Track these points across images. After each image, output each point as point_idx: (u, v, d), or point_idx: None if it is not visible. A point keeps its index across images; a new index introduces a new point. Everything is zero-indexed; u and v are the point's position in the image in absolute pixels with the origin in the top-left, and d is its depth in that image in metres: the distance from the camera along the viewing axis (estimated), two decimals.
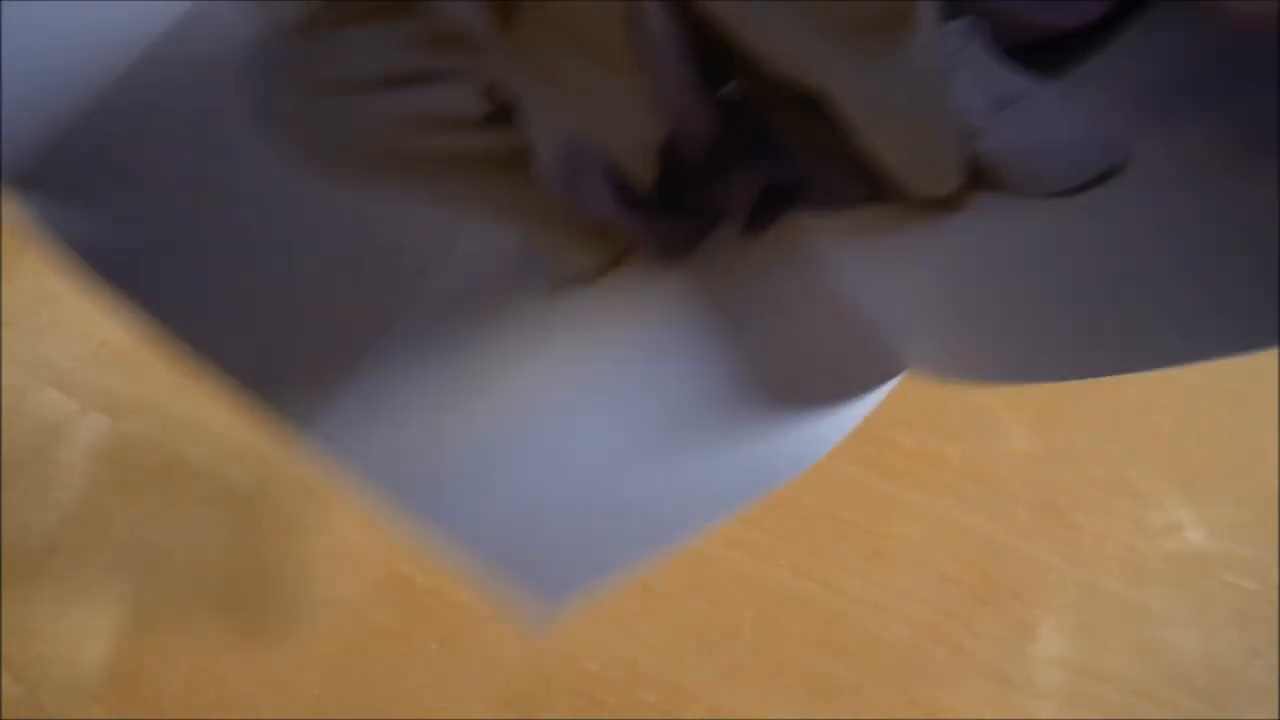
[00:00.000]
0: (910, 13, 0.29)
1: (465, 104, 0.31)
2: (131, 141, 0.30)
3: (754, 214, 0.33)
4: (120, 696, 0.51)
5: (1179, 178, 0.27)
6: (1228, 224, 0.26)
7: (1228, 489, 0.57)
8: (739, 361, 0.31)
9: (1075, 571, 0.55)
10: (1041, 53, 0.31)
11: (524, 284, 0.34)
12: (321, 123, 0.30)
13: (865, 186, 0.32)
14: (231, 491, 0.56)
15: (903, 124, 0.31)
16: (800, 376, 0.31)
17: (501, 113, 0.31)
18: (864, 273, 0.30)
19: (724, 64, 0.32)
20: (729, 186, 0.33)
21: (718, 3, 0.29)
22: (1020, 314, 0.28)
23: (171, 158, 0.31)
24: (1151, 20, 0.30)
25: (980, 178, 0.31)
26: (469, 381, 0.33)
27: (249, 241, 0.32)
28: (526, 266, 0.35)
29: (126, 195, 0.30)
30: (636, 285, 0.34)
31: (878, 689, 0.51)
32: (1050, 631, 0.54)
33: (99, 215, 0.29)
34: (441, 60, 0.30)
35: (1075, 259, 0.28)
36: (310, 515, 0.58)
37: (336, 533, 0.57)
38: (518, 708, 0.51)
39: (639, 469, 0.31)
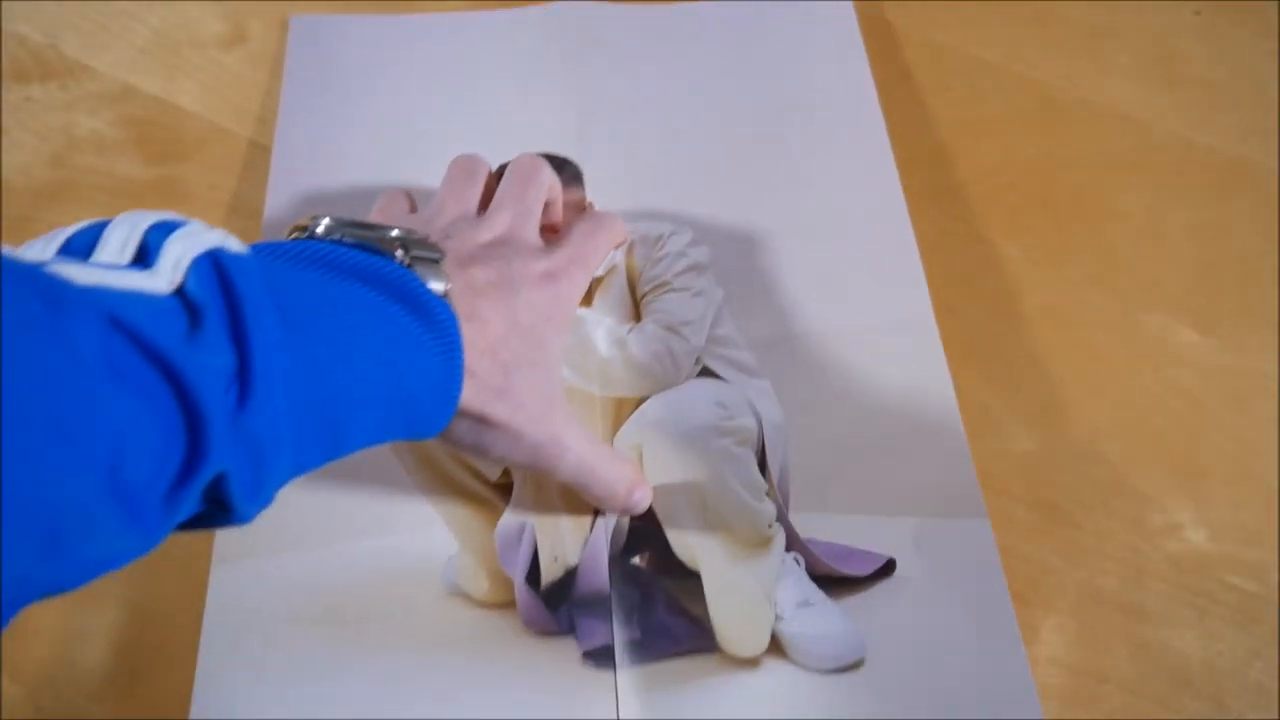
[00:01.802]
0: (771, 541, 0.51)
1: (489, 469, 0.54)
2: None
3: (590, 652, 0.50)
4: (120, 696, 0.51)
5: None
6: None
7: (1228, 489, 0.57)
8: None
9: (1075, 572, 0.55)
10: (838, 582, 0.52)
11: (432, 582, 0.53)
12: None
13: (705, 642, 0.50)
14: None
15: (743, 601, 0.50)
16: None
17: (504, 486, 0.54)
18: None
19: (646, 540, 0.53)
20: (588, 627, 0.51)
21: (656, 505, 0.51)
22: None
23: None
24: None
25: (777, 650, 0.50)
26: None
27: None
28: (447, 571, 0.54)
29: None
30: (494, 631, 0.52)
31: None
32: (1050, 632, 0.53)
33: None
34: None
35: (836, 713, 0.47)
36: None
37: None
38: None
39: None
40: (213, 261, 0.32)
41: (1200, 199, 0.67)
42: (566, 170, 0.58)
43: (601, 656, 0.50)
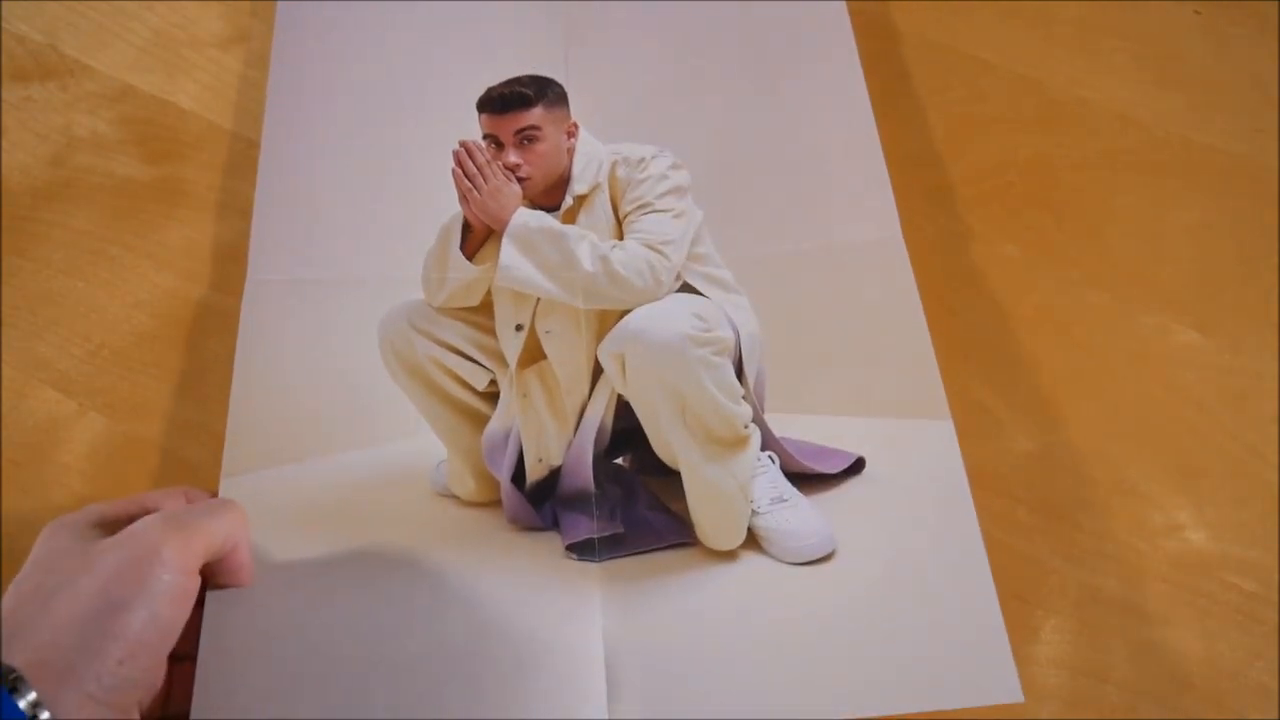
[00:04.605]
0: (747, 440, 0.54)
1: (476, 379, 0.58)
2: None
3: (573, 545, 0.53)
4: None
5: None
6: None
7: (1228, 489, 0.57)
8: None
9: (1076, 572, 0.55)
10: (810, 479, 0.56)
11: (422, 486, 0.58)
12: (404, 340, 0.58)
13: (684, 536, 0.53)
14: None
15: (720, 496, 0.53)
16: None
17: (490, 395, 0.58)
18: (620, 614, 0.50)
19: (628, 442, 0.57)
20: (571, 521, 0.54)
21: (638, 410, 0.55)
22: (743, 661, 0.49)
23: None
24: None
25: (754, 544, 0.53)
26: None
27: None
28: (436, 474, 0.58)
29: None
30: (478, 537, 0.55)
31: None
32: (1051, 632, 0.53)
33: None
34: (480, 355, 0.58)
35: (804, 610, 0.50)
36: None
37: None
38: None
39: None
40: None
41: (1200, 199, 0.67)
42: (551, 91, 0.60)
43: (584, 549, 0.53)
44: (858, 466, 0.56)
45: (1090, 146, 0.70)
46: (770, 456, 0.56)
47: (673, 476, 0.54)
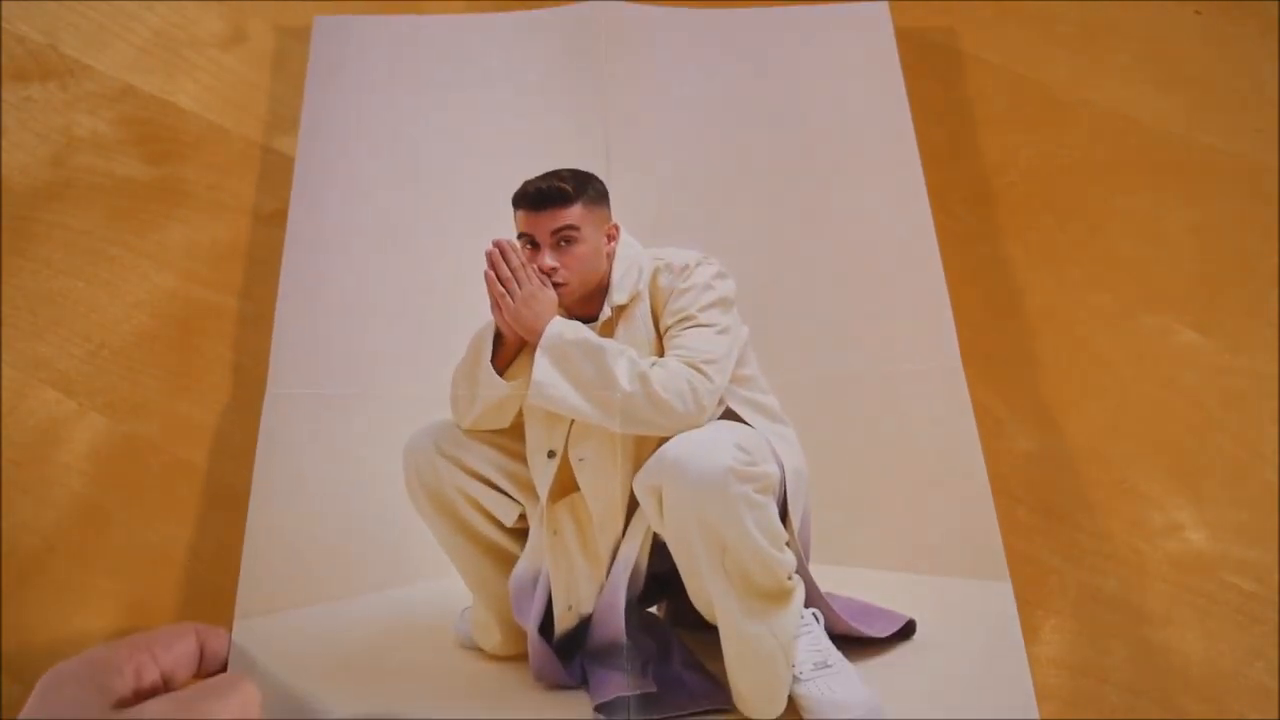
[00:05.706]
0: (791, 594, 0.50)
1: (504, 513, 0.54)
2: None
3: (602, 706, 0.49)
4: None
5: None
6: None
7: (1228, 489, 0.57)
8: None
9: (1076, 572, 0.55)
10: (856, 641, 0.51)
11: (445, 636, 0.54)
12: (430, 467, 0.54)
13: (721, 701, 0.49)
14: (231, 491, 0.56)
15: (761, 659, 0.49)
16: None
17: (519, 532, 0.54)
18: None
19: (662, 589, 0.52)
20: (601, 678, 0.50)
21: (674, 552, 0.50)
22: None
23: None
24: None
25: (794, 712, 0.49)
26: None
27: None
28: (460, 623, 0.54)
29: None
30: (502, 685, 0.52)
31: None
32: (1051, 632, 0.54)
33: None
34: (510, 485, 0.54)
35: None
36: None
37: None
38: None
39: None
40: None
41: (1200, 199, 0.67)
42: (592, 189, 0.56)
43: (614, 710, 0.49)
44: (908, 630, 0.52)
45: (1091, 146, 0.70)
46: (815, 614, 0.51)
47: (710, 633, 0.50)
